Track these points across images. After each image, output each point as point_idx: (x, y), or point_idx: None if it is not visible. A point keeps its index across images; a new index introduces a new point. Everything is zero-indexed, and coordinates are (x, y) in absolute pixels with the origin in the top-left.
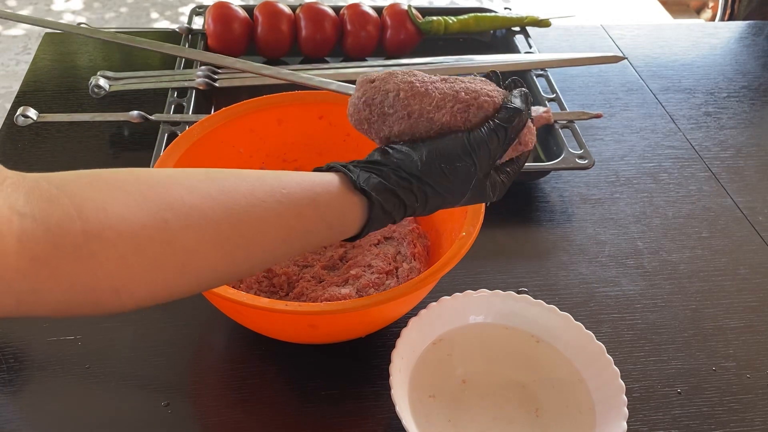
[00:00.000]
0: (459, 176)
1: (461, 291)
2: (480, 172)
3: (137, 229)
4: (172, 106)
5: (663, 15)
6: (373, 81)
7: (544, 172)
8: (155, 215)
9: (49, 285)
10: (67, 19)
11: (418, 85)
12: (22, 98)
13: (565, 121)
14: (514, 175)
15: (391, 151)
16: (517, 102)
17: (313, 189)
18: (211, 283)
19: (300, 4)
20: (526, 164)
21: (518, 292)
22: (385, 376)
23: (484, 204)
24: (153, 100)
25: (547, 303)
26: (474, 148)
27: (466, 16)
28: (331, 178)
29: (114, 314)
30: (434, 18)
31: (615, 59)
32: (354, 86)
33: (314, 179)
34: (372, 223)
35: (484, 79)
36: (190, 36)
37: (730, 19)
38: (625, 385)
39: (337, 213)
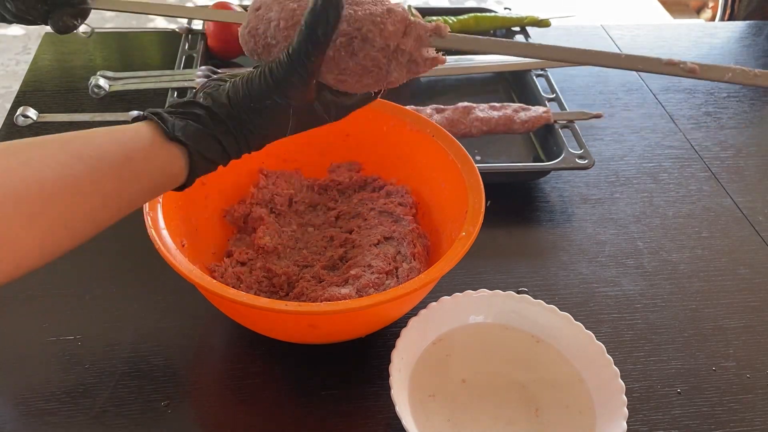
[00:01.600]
0: (273, 112)
1: (461, 291)
2: (295, 99)
3: None
4: None
5: (663, 15)
6: (258, 8)
7: (544, 172)
8: None
9: None
10: None
11: (299, 12)
12: (22, 98)
13: (565, 121)
14: (360, 100)
15: (207, 88)
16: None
17: (125, 145)
18: (33, 264)
19: None
20: (526, 164)
21: (518, 292)
22: (385, 376)
23: (484, 204)
24: (153, 100)
25: (547, 303)
26: (278, 81)
27: (466, 16)
28: (145, 131)
29: None
30: (434, 18)
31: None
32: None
33: (126, 135)
34: (195, 173)
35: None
36: (189, 36)
37: (730, 19)
38: (625, 385)
39: (156, 166)
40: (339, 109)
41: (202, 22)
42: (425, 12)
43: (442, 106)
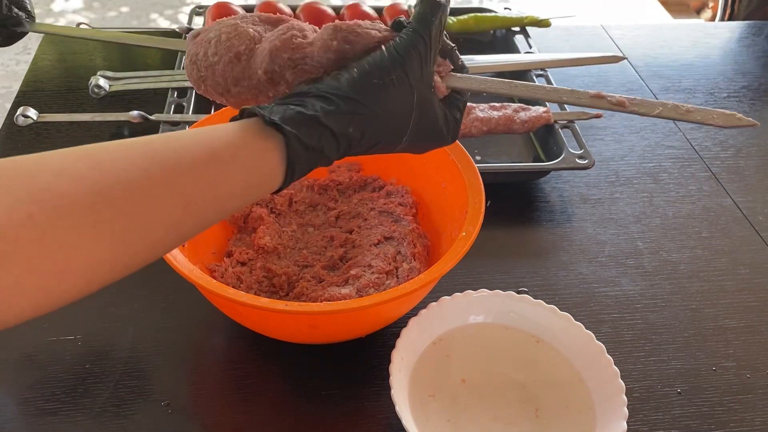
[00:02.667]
0: (396, 91)
1: (461, 291)
2: (418, 84)
3: None
4: (172, 106)
5: (663, 15)
6: (196, 36)
7: (544, 172)
8: (16, 211)
9: None
10: (68, 19)
11: (242, 25)
12: (22, 98)
13: (565, 121)
14: (463, 107)
15: (317, 82)
16: None
17: (210, 144)
18: (107, 277)
19: (300, 4)
20: (526, 164)
21: (518, 292)
22: (385, 376)
23: (484, 204)
24: (153, 100)
25: (547, 303)
26: (401, 54)
27: (466, 16)
28: (236, 126)
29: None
30: None
31: (615, 59)
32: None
33: (212, 133)
34: (294, 165)
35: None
36: None
37: (730, 19)
38: (625, 385)
39: (248, 164)
40: (455, 127)
41: (202, 21)
42: None
43: None
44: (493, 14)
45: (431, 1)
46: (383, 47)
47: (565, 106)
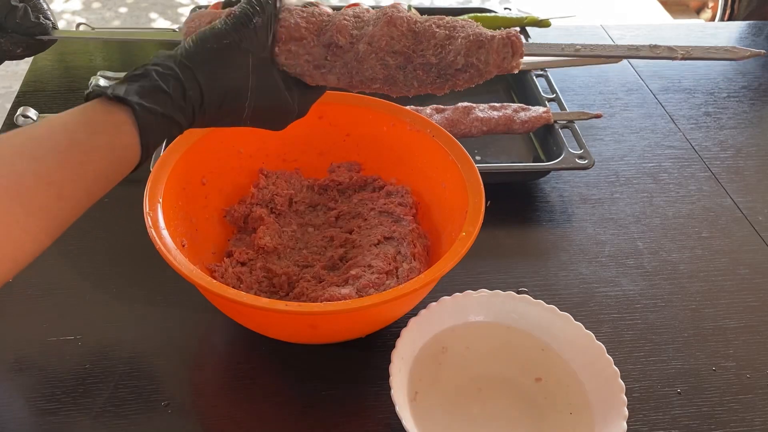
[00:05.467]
0: (229, 53)
1: (461, 291)
2: (254, 49)
3: None
4: None
5: (663, 15)
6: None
7: (544, 172)
8: None
9: None
10: (67, 19)
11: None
12: (22, 98)
13: (565, 121)
14: (313, 89)
15: (154, 56)
16: None
17: (65, 128)
18: (14, 271)
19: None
20: (526, 164)
21: (518, 292)
22: (385, 376)
23: (483, 204)
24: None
25: (547, 303)
26: (235, 22)
27: (466, 16)
28: (86, 107)
29: None
30: None
31: (615, 59)
32: None
33: (65, 117)
34: (148, 134)
35: None
36: None
37: (730, 19)
38: (625, 385)
39: (105, 141)
40: (303, 102)
41: None
42: (426, 12)
43: (442, 106)
44: (493, 14)
45: None
46: (220, 18)
47: (566, 106)
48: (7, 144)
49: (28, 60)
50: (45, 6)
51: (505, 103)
